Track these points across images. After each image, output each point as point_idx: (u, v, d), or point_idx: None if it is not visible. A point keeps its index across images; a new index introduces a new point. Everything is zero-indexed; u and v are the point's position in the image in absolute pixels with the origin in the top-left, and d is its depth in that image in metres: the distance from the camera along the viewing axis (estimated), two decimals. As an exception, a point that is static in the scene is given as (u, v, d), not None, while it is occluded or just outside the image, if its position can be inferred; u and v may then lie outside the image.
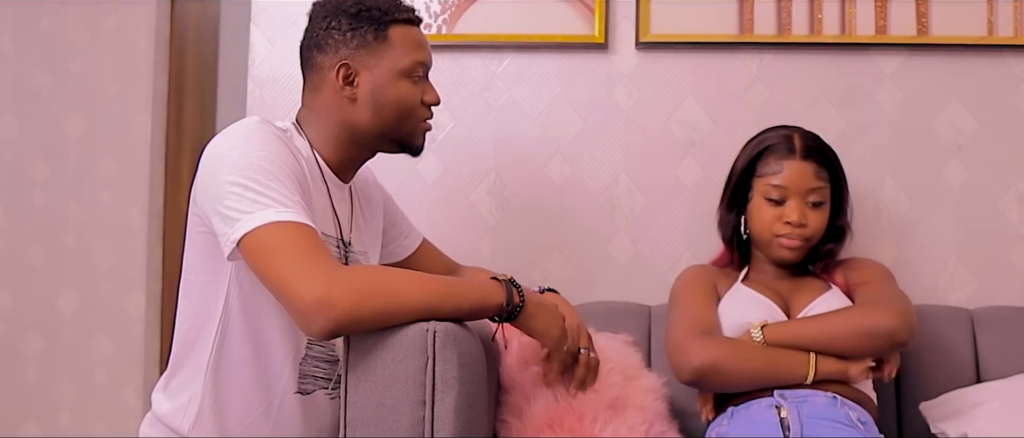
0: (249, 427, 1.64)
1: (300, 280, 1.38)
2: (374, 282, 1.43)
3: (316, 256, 1.42)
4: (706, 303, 1.94)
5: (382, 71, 1.66)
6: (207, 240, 1.57)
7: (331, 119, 1.68)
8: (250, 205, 1.45)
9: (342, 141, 1.69)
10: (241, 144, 1.53)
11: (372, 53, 1.66)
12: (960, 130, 2.28)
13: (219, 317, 1.60)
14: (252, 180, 1.47)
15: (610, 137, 2.34)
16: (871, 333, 1.79)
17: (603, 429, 1.66)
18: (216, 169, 1.51)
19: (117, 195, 2.84)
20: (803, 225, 1.91)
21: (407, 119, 1.70)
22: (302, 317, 1.39)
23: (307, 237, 1.44)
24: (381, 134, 1.69)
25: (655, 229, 2.32)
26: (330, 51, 1.67)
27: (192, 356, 1.64)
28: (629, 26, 2.33)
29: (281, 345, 1.63)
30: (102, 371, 2.82)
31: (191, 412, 1.62)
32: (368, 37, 1.66)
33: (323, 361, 1.69)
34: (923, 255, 2.28)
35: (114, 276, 2.83)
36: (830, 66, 2.31)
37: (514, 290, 1.54)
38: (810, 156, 1.92)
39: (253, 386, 1.63)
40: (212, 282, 1.60)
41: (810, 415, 1.71)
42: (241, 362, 1.62)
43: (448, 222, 2.32)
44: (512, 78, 2.36)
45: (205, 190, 1.53)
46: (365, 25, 1.66)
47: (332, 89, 1.67)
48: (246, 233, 1.43)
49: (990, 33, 2.27)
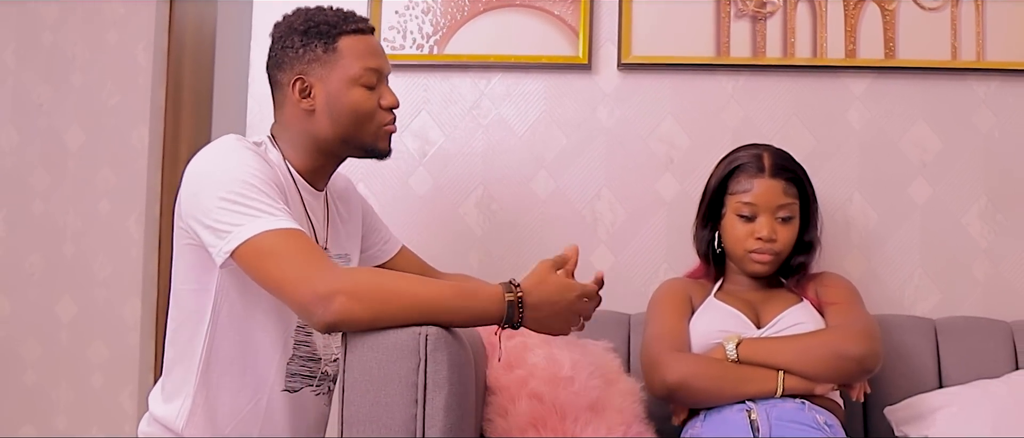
0: (239, 423, 1.70)
1: (303, 277, 1.45)
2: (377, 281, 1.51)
3: (315, 255, 1.50)
4: (680, 318, 1.98)
5: (334, 81, 1.71)
6: (194, 252, 1.63)
7: (296, 131, 1.74)
8: (239, 218, 1.51)
9: (309, 151, 1.75)
10: (222, 161, 1.59)
11: (323, 65, 1.71)
12: (925, 149, 2.33)
13: (208, 322, 1.66)
14: (238, 194, 1.53)
15: (593, 153, 2.38)
16: (841, 357, 1.82)
17: (584, 429, 1.72)
18: (201, 187, 1.57)
19: (115, 205, 2.87)
20: (773, 240, 1.95)
21: (366, 124, 1.74)
22: (306, 310, 1.46)
23: (302, 240, 1.51)
24: (343, 141, 1.74)
25: (635, 241, 2.36)
26: (286, 68, 1.73)
27: (184, 359, 1.69)
28: (612, 48, 2.38)
29: (269, 347, 1.70)
30: (98, 376, 2.85)
31: (184, 411, 1.68)
32: (318, 50, 1.71)
33: (308, 360, 1.76)
34: (890, 267, 2.32)
35: (111, 284, 2.86)
36: (802, 87, 2.35)
37: (516, 310, 1.51)
38: (779, 174, 1.96)
39: (242, 385, 1.69)
40: (201, 290, 1.66)
41: (779, 417, 1.76)
42: (230, 363, 1.68)
43: (438, 234, 2.36)
44: (500, 97, 2.41)
45: (191, 207, 1.58)
46: (314, 40, 1.71)
47: (292, 103, 1.73)
48: (241, 243, 1.49)
49: (954, 57, 2.31)
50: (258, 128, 2.41)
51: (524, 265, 2.33)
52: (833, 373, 1.84)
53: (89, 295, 2.87)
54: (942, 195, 2.33)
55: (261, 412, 1.71)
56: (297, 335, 1.74)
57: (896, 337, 2.13)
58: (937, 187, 2.33)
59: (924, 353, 2.14)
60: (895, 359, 2.10)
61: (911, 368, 2.12)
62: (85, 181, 2.89)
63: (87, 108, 2.90)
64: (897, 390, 2.07)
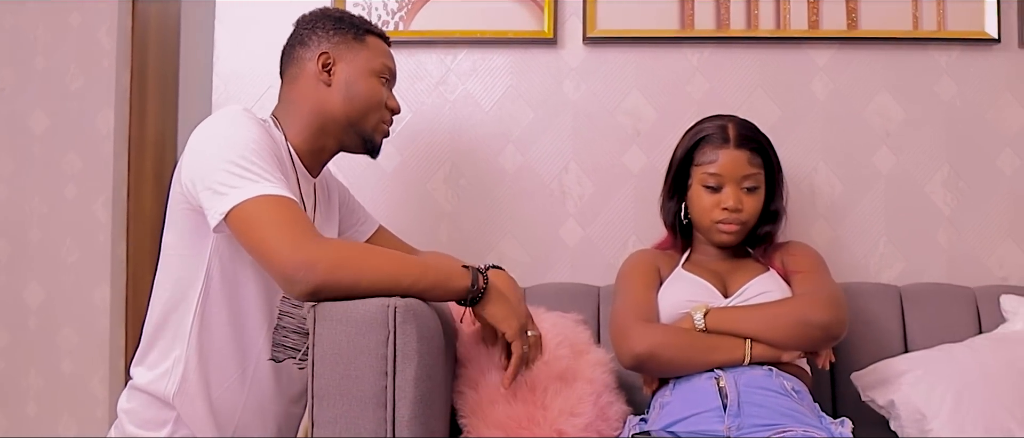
0: (226, 390, 1.72)
1: (284, 245, 1.48)
2: (353, 252, 1.55)
3: (299, 225, 1.52)
4: (648, 289, 1.99)
5: (357, 65, 1.83)
6: (189, 216, 1.67)
7: (305, 107, 1.81)
8: (238, 180, 1.55)
9: (313, 129, 1.81)
10: (229, 127, 1.64)
11: (350, 48, 1.83)
12: (888, 118, 2.36)
13: (200, 287, 1.69)
14: (242, 158, 1.57)
15: (560, 128, 2.39)
16: (807, 324, 1.84)
17: (554, 399, 1.73)
18: (206, 149, 1.62)
19: (81, 189, 2.84)
20: (739, 210, 1.96)
21: (371, 114, 1.84)
22: (285, 279, 1.48)
23: (291, 209, 1.54)
24: (348, 122, 1.82)
25: (603, 214, 2.38)
26: (312, 46, 1.82)
27: (173, 324, 1.71)
28: (577, 22, 2.39)
29: (257, 313, 1.73)
30: (68, 362, 2.83)
31: (176, 375, 1.70)
32: (348, 36, 1.84)
33: (293, 332, 1.79)
34: (855, 236, 2.35)
35: (79, 269, 2.84)
36: (766, 59, 2.37)
37: (479, 277, 1.63)
38: (744, 144, 1.97)
39: (231, 351, 1.73)
40: (194, 255, 1.69)
41: (747, 385, 1.78)
42: (220, 327, 1.71)
43: (406, 210, 2.37)
44: (466, 72, 2.41)
45: (193, 168, 1.62)
46: (347, 27, 1.85)
47: (310, 76, 1.81)
48: (235, 205, 1.52)
49: (915, 27, 2.35)
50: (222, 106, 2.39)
51: (493, 240, 2.39)
52: (800, 340, 1.86)
53: (57, 280, 2.85)
54: (906, 164, 2.36)
55: (248, 380, 1.75)
56: (282, 305, 1.78)
57: (862, 304, 2.16)
58: (901, 156, 2.36)
59: (889, 319, 2.17)
60: (861, 326, 2.14)
61: (877, 334, 2.15)
62: (50, 166, 2.86)
63: (51, 92, 2.86)
64: (864, 356, 2.10)
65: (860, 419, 1.89)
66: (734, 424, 1.71)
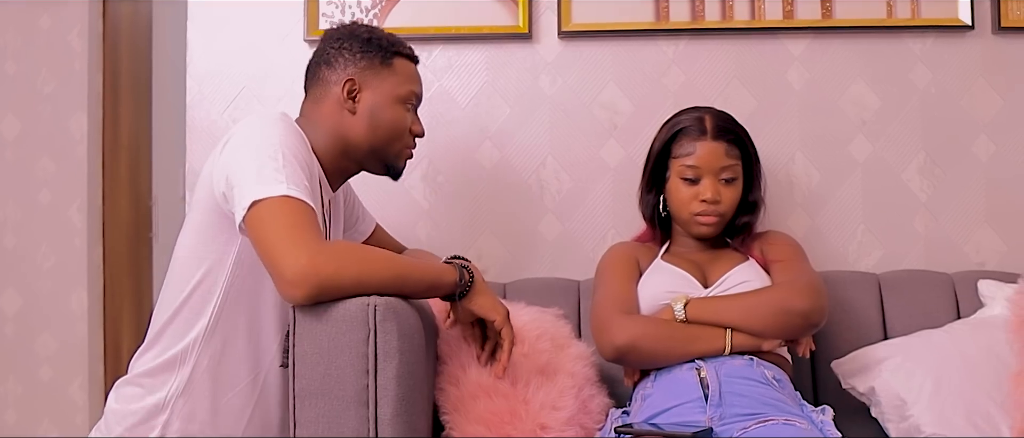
0: (236, 395, 1.72)
1: (288, 251, 1.46)
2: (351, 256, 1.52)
3: (306, 231, 1.49)
4: (627, 281, 1.99)
5: (383, 93, 1.81)
6: (213, 219, 1.67)
7: (328, 130, 1.80)
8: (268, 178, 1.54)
9: (335, 152, 1.80)
10: (270, 128, 1.65)
11: (377, 75, 1.81)
12: (864, 107, 2.37)
13: (219, 290, 1.68)
14: (272, 159, 1.57)
15: (537, 122, 2.39)
16: (788, 313, 1.85)
17: (535, 393, 1.74)
18: (245, 145, 1.62)
19: (56, 194, 2.84)
20: (717, 201, 1.97)
21: (395, 142, 1.84)
22: (285, 285, 1.46)
23: (304, 214, 1.52)
24: (371, 149, 1.82)
25: (581, 208, 2.38)
26: (338, 68, 1.81)
27: (182, 324, 1.70)
28: (552, 16, 2.38)
29: (273, 319, 1.74)
30: (47, 368, 2.83)
31: (182, 375, 1.69)
32: (375, 61, 1.82)
33: None
34: (833, 224, 2.36)
35: (55, 274, 2.84)
36: (742, 50, 2.38)
37: (465, 271, 1.65)
38: (721, 136, 1.97)
39: (245, 356, 1.73)
40: (214, 259, 1.68)
41: (728, 374, 1.79)
42: (237, 333, 1.71)
43: (384, 208, 2.35)
44: (442, 69, 2.40)
45: (228, 162, 1.61)
46: (374, 51, 1.82)
47: (335, 102, 1.80)
48: (259, 200, 1.51)
49: (889, 15, 2.35)
50: (198, 109, 2.39)
51: (472, 236, 2.38)
52: (780, 329, 1.86)
53: (33, 287, 2.84)
54: (882, 152, 2.37)
55: (259, 386, 1.75)
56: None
57: (841, 292, 2.17)
58: (877, 144, 2.37)
59: (868, 307, 2.18)
60: (840, 314, 2.14)
61: (856, 322, 2.16)
62: (24, 171, 2.85)
63: (22, 96, 2.86)
64: (843, 343, 2.11)
65: (841, 406, 1.90)
66: (716, 414, 1.72)
